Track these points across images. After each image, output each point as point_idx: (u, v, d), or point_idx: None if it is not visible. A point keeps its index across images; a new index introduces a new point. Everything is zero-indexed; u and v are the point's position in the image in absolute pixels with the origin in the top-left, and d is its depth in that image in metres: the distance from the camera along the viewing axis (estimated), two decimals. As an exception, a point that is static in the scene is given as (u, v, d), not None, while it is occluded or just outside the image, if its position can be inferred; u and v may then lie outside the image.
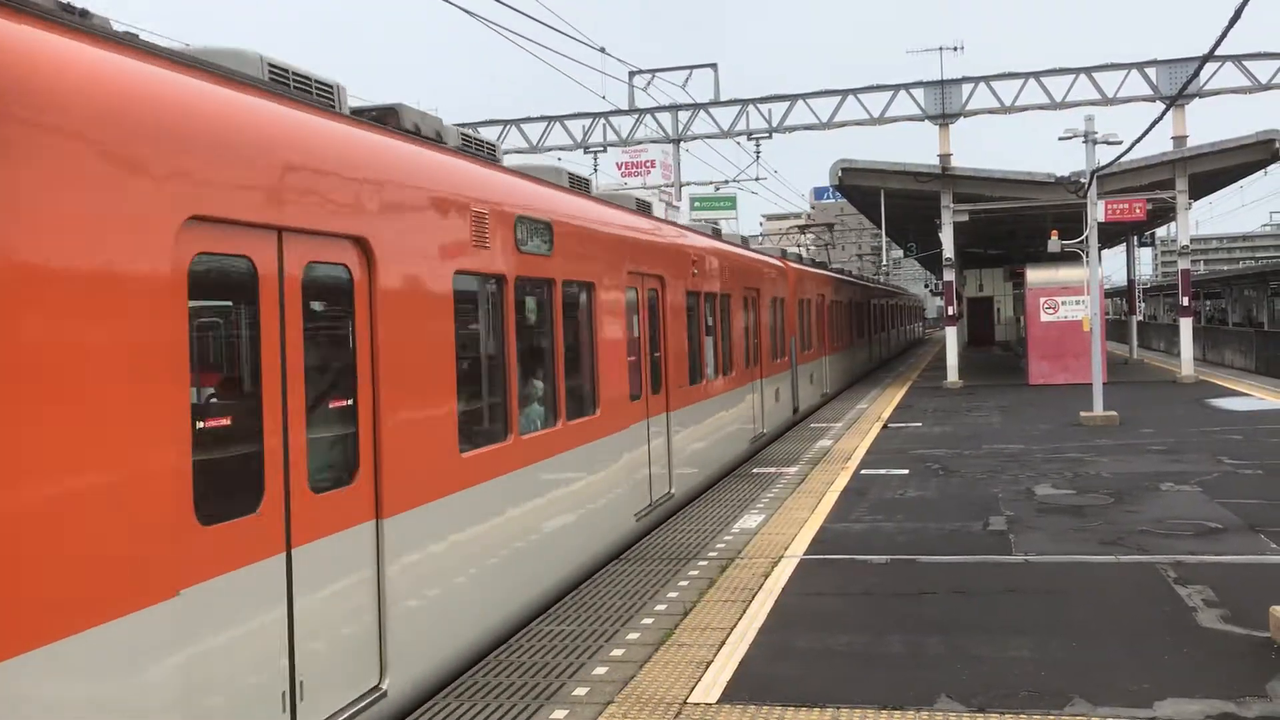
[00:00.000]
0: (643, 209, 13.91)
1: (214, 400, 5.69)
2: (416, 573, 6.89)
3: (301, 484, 5.77)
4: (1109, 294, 65.01)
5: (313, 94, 6.72)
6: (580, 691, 6.79)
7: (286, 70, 6.57)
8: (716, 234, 19.50)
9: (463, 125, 35.35)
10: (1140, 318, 51.22)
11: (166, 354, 4.78)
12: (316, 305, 6.12)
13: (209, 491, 5.06)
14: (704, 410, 15.13)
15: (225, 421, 5.52)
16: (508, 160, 10.06)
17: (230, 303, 5.80)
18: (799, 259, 29.05)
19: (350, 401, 6.34)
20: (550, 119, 38.08)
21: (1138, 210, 23.73)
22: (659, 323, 13.26)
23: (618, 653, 7.55)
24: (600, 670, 7.18)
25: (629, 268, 11.86)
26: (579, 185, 11.53)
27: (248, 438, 5.49)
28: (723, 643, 7.69)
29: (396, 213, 6.82)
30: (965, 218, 30.52)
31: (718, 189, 61.23)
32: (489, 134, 38.08)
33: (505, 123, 38.17)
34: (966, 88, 33.53)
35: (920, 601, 8.71)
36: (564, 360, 9.85)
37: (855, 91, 35.02)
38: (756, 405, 18.75)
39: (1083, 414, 20.78)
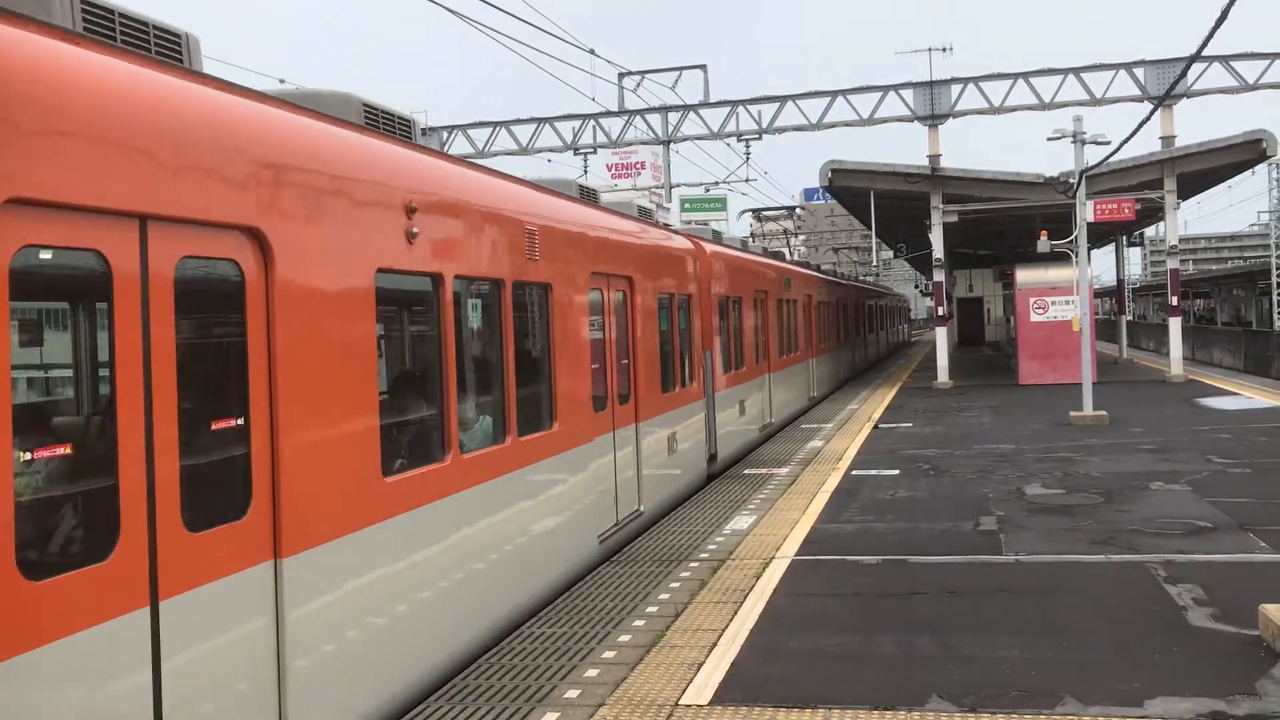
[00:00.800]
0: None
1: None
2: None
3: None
4: (1098, 294, 65.25)
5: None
6: (572, 694, 6.77)
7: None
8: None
9: (451, 127, 34.94)
10: (1129, 317, 51.41)
11: None
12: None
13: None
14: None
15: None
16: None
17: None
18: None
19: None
20: (540, 120, 38.04)
21: (1126, 210, 23.80)
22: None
23: (609, 655, 7.54)
24: (592, 672, 7.17)
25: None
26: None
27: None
28: (714, 644, 7.69)
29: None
30: (955, 218, 30.56)
31: (708, 190, 61.35)
32: (478, 136, 38.08)
33: (495, 125, 38.12)
34: (955, 88, 33.58)
35: (911, 602, 8.72)
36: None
37: (844, 92, 35.05)
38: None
39: (1073, 414, 20.82)
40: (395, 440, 7.02)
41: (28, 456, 4.23)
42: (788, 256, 36.84)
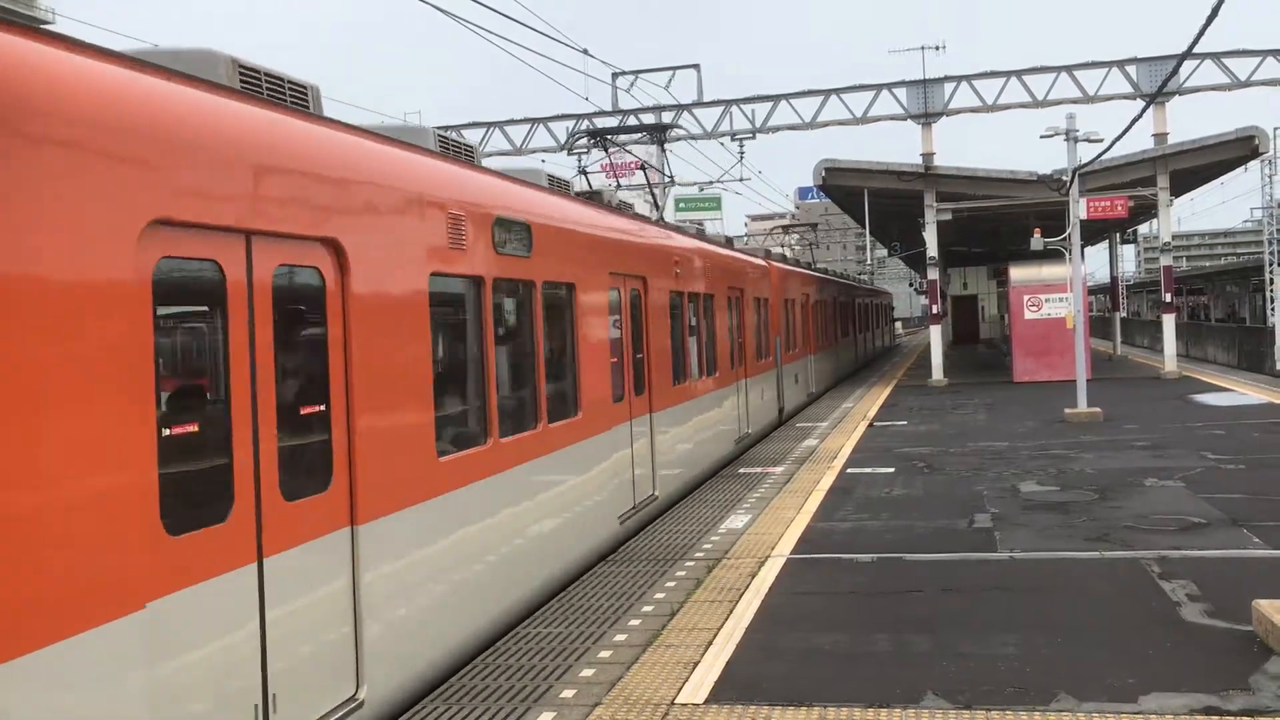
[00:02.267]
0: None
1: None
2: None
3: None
4: (1092, 291, 65.35)
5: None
6: (568, 694, 6.79)
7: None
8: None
9: (445, 128, 35.11)
10: (1123, 314, 51.50)
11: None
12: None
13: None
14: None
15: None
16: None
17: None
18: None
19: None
20: (533, 121, 38.05)
21: (1119, 207, 23.87)
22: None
23: (605, 654, 7.55)
24: (588, 672, 7.18)
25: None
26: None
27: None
28: (710, 643, 7.70)
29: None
30: (949, 216, 30.60)
31: (702, 190, 61.39)
32: (472, 136, 38.04)
33: (488, 125, 38.13)
34: (949, 87, 33.64)
35: (906, 599, 8.74)
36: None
37: (838, 91, 35.09)
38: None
39: (1067, 411, 20.86)
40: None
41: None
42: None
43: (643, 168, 27.44)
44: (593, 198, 13.68)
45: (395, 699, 6.80)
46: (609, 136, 22.51)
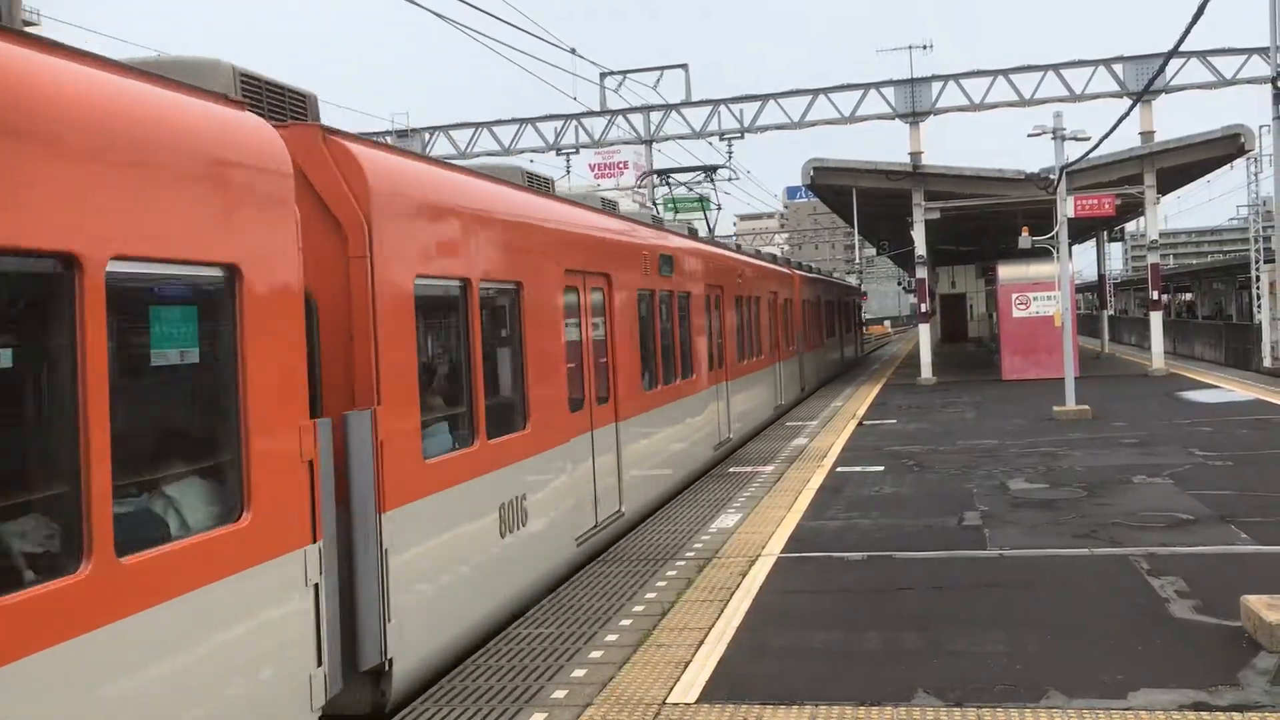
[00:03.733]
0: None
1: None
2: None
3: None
4: (1080, 289, 65.52)
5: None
6: (559, 694, 6.78)
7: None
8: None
9: (433, 128, 34.80)
10: (1111, 312, 51.67)
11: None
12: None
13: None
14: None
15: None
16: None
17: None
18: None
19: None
20: (521, 121, 38.04)
21: (1107, 206, 23.96)
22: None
23: (596, 654, 7.55)
24: (579, 672, 7.18)
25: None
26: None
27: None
28: (701, 642, 7.71)
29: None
30: (937, 215, 30.66)
31: (691, 189, 61.34)
32: (460, 137, 38.03)
33: (476, 125, 38.10)
34: (936, 86, 33.74)
35: (896, 597, 8.76)
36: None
37: (826, 91, 35.17)
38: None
39: (1055, 408, 20.90)
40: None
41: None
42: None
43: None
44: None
45: None
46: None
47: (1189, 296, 69.91)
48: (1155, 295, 31.50)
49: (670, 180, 24.35)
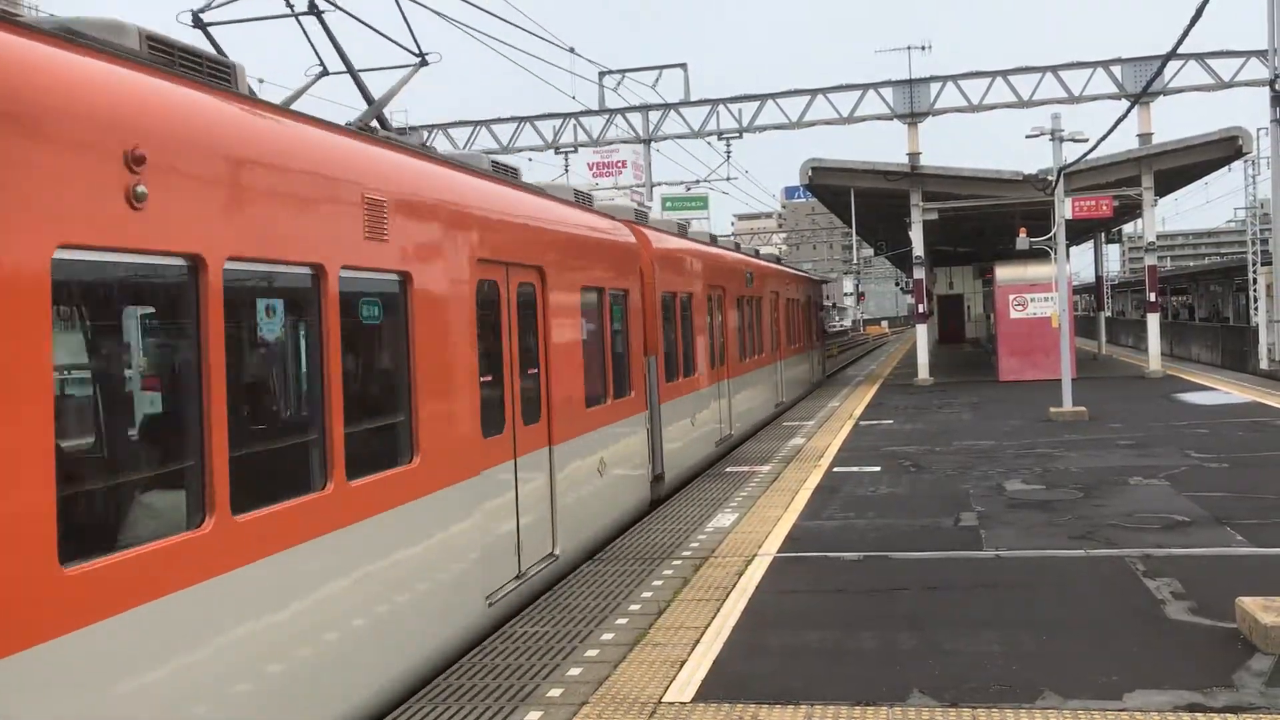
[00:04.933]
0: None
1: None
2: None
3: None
4: (1077, 290, 65.59)
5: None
6: (555, 692, 6.78)
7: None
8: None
9: (431, 126, 34.75)
10: (1108, 314, 51.69)
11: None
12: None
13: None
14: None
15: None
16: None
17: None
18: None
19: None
20: (520, 120, 38.01)
21: (1104, 207, 23.99)
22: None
23: (592, 653, 7.55)
24: (575, 671, 7.18)
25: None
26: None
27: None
28: (697, 641, 7.71)
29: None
30: (935, 216, 30.66)
31: (689, 189, 61.42)
32: (459, 135, 38.01)
33: (475, 124, 38.07)
34: (935, 87, 33.70)
35: (892, 598, 8.76)
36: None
37: (824, 91, 35.13)
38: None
39: (1052, 410, 20.92)
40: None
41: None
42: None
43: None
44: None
45: None
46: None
47: (1185, 298, 69.96)
48: (1152, 297, 31.52)
49: None
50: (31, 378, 4.44)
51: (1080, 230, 37.70)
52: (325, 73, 9.62)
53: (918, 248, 31.17)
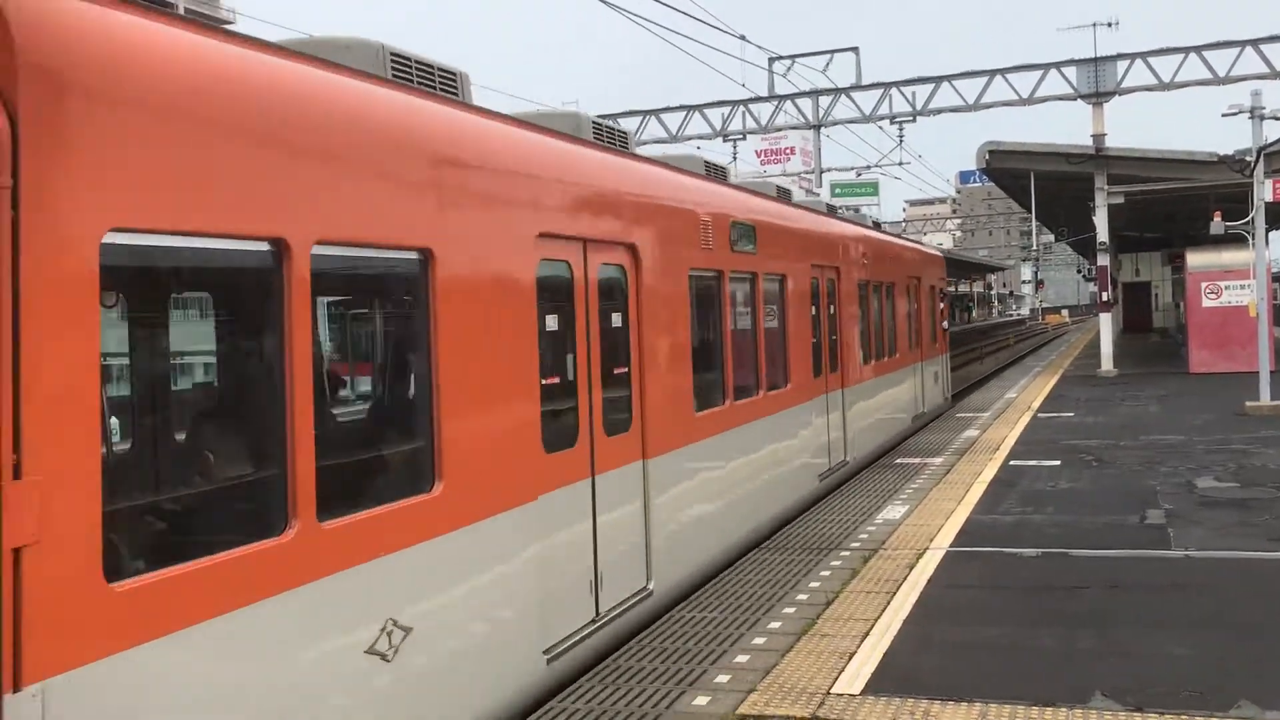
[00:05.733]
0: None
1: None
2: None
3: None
4: (1277, 278, 61.80)
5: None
6: (722, 679, 6.80)
7: None
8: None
9: (602, 116, 35.40)
10: (1312, 302, 48.52)
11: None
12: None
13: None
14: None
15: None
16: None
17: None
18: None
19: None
20: (689, 108, 38.11)
21: (1309, 188, 22.50)
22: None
23: (759, 641, 7.54)
24: (742, 658, 7.18)
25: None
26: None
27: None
28: (866, 634, 7.61)
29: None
30: (1120, 200, 29.46)
31: (859, 175, 60.44)
32: (629, 124, 38.37)
33: (644, 113, 38.36)
34: (1122, 65, 32.20)
35: (1072, 596, 8.45)
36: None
37: (1003, 71, 34.03)
38: None
39: (1248, 404, 19.89)
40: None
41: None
42: None
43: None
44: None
45: None
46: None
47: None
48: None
49: None
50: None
51: (1281, 214, 35.48)
52: None
53: (1102, 233, 29.97)
